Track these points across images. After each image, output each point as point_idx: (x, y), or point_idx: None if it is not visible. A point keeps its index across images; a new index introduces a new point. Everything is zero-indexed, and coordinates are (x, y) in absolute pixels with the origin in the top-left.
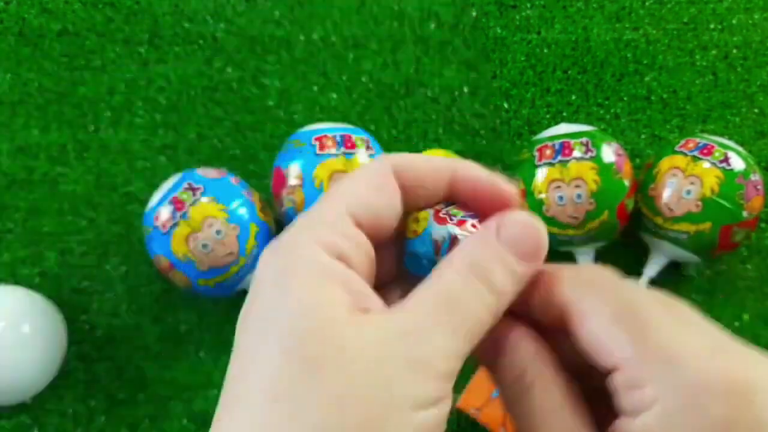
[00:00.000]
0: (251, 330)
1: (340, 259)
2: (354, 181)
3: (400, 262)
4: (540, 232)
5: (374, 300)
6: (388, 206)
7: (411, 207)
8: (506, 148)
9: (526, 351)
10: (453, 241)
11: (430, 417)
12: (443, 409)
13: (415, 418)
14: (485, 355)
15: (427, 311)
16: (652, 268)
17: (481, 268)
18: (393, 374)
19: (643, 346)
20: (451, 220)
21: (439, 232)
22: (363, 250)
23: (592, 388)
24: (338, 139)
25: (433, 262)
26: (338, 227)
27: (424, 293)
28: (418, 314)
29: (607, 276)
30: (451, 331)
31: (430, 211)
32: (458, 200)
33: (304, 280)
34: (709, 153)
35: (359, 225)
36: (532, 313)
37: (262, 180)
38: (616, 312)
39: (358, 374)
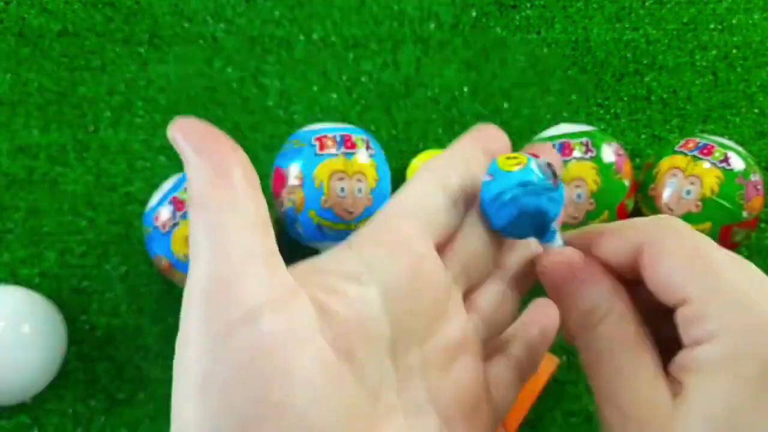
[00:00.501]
0: None
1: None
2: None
3: None
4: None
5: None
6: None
7: None
8: None
9: (601, 284)
10: (553, 173)
11: None
12: None
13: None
14: (560, 286)
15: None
16: None
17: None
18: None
19: (712, 283)
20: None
21: (540, 163)
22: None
23: (661, 339)
24: (338, 138)
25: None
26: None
27: None
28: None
29: (681, 223)
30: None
31: (525, 154)
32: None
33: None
34: (709, 153)
35: None
36: (607, 254)
37: (262, 180)
38: (690, 253)
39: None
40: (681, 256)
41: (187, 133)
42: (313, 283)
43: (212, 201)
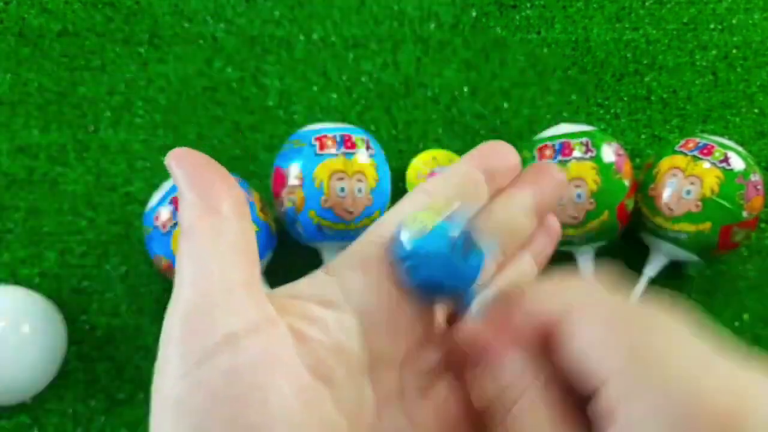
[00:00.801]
0: None
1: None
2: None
3: None
4: None
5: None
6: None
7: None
8: None
9: (514, 363)
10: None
11: None
12: None
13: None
14: (470, 364)
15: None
16: (652, 268)
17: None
18: None
19: (635, 361)
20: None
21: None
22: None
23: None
24: (338, 138)
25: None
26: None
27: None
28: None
29: (596, 289)
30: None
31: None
32: None
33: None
34: (709, 153)
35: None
36: (515, 335)
37: (262, 180)
38: (607, 327)
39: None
40: (597, 330)
41: (181, 164)
42: (291, 310)
43: (198, 230)
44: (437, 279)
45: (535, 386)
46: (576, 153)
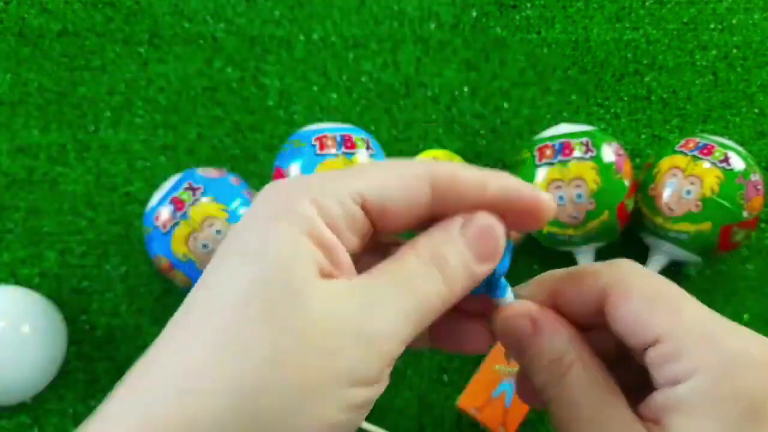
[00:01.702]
0: (229, 260)
1: (330, 225)
2: (379, 168)
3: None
4: (498, 237)
5: (351, 273)
6: (405, 200)
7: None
8: (506, 148)
9: (564, 334)
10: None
11: (362, 396)
12: (376, 391)
13: (348, 393)
14: (520, 340)
15: (385, 289)
16: (652, 268)
17: (441, 258)
18: (342, 346)
19: (680, 322)
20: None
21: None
22: (356, 229)
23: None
24: (338, 139)
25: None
26: (340, 198)
27: (386, 270)
28: (376, 290)
29: (640, 266)
30: (403, 314)
31: None
32: (494, 209)
33: (288, 234)
34: (709, 153)
35: (366, 207)
36: (564, 307)
37: (263, 180)
38: (655, 294)
39: (310, 338)
40: (647, 298)
41: None
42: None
43: None
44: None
45: (585, 354)
46: (576, 153)
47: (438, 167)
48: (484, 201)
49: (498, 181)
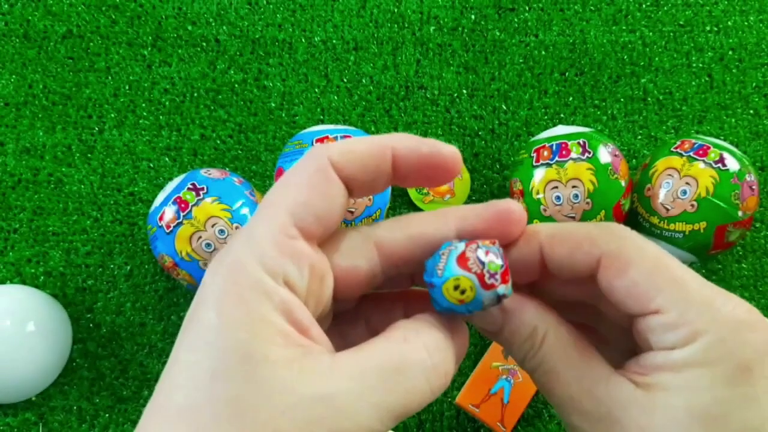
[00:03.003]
0: (186, 349)
1: (284, 282)
2: (291, 185)
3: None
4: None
5: (316, 331)
6: (332, 203)
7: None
8: (504, 149)
9: (532, 309)
10: (500, 300)
11: None
12: None
13: None
14: (491, 326)
15: (368, 380)
16: None
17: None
18: None
19: (681, 293)
20: (495, 280)
21: (488, 296)
22: (308, 268)
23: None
24: (339, 140)
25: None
26: (282, 245)
27: (373, 356)
28: (356, 380)
29: (633, 232)
30: (385, 411)
31: (474, 279)
32: (402, 174)
33: (243, 308)
34: (705, 154)
35: (305, 233)
36: (552, 264)
37: (265, 180)
38: (653, 264)
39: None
40: (645, 269)
41: None
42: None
43: None
44: (455, 310)
45: (555, 323)
46: (573, 154)
47: (331, 150)
48: (388, 170)
49: (398, 142)
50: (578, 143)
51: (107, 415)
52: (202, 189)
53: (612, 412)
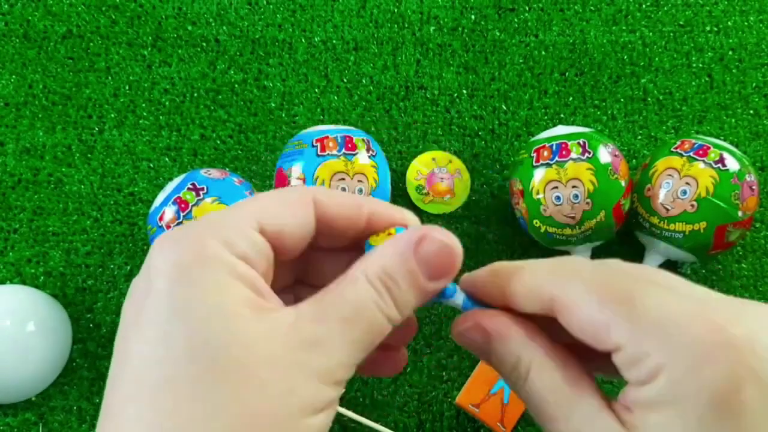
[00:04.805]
0: (149, 325)
1: (242, 259)
2: (265, 195)
3: (300, 274)
4: (456, 255)
5: (275, 300)
6: (296, 223)
7: (330, 234)
8: (504, 149)
9: (516, 339)
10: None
11: (322, 419)
12: (332, 413)
13: (313, 421)
14: (481, 351)
15: (334, 321)
16: None
17: (392, 281)
18: (296, 383)
19: (636, 322)
20: None
21: None
22: (263, 255)
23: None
24: (339, 140)
25: None
26: (242, 230)
27: (332, 299)
28: (324, 322)
29: (585, 264)
30: (353, 343)
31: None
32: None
33: (210, 277)
34: (705, 154)
35: (263, 233)
36: (521, 308)
37: (265, 181)
38: (602, 296)
39: (264, 383)
40: (593, 306)
41: None
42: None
43: None
44: None
45: (542, 352)
46: (573, 154)
47: (317, 190)
48: (360, 222)
49: (371, 204)
50: (578, 143)
51: None
52: (202, 189)
53: None
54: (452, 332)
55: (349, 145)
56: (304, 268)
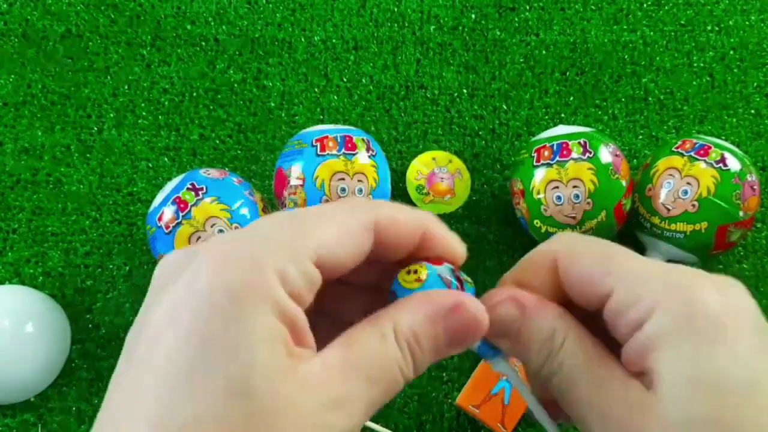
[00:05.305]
0: (187, 345)
1: (293, 297)
2: (328, 220)
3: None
4: (481, 328)
5: (309, 342)
6: (354, 253)
7: (380, 256)
8: (505, 149)
9: (553, 311)
10: (455, 272)
11: None
12: None
13: None
14: (509, 327)
15: (359, 379)
16: None
17: (418, 345)
18: None
19: (629, 269)
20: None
21: (441, 270)
22: (314, 289)
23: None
24: (339, 140)
25: None
26: (301, 261)
27: (360, 355)
28: (351, 380)
29: (578, 235)
30: (372, 404)
31: (424, 263)
32: (421, 253)
33: (258, 317)
34: (706, 154)
35: (320, 265)
36: (532, 279)
37: (264, 180)
38: (599, 253)
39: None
40: (594, 256)
41: None
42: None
43: None
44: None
45: (575, 326)
46: (574, 154)
47: (380, 212)
48: (413, 244)
49: (428, 224)
50: (579, 143)
51: None
52: (202, 189)
53: (622, 414)
54: (475, 313)
55: (349, 145)
56: (323, 302)
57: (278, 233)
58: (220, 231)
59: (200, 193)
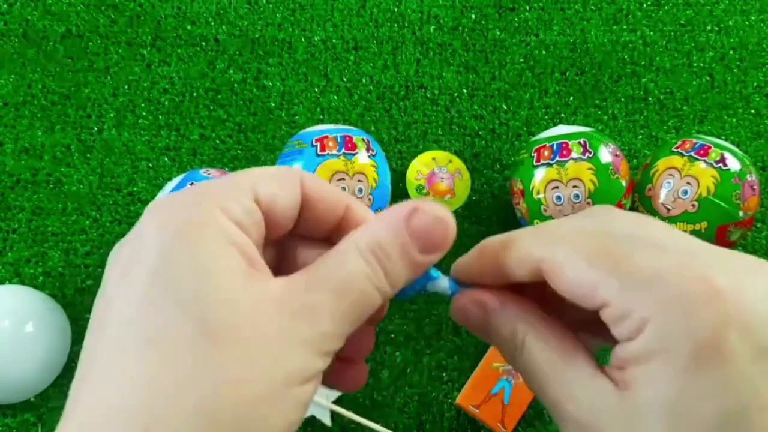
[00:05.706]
0: (138, 283)
1: (237, 225)
2: (259, 169)
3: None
4: (448, 228)
5: (266, 269)
6: (286, 196)
7: (310, 219)
8: (505, 149)
9: (511, 310)
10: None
11: (310, 390)
12: (316, 384)
13: (298, 392)
14: (480, 326)
15: (324, 291)
16: None
17: (384, 254)
18: (283, 351)
19: (621, 279)
20: None
21: None
22: (257, 224)
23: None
24: (339, 140)
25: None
26: (238, 197)
27: (325, 269)
28: (314, 292)
29: (571, 225)
30: (342, 315)
31: None
32: (346, 231)
33: (203, 240)
34: (706, 154)
35: (257, 202)
36: (512, 277)
37: None
38: (588, 254)
39: (252, 348)
40: (580, 265)
41: None
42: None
43: None
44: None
45: (537, 323)
46: (573, 154)
47: (303, 172)
48: (339, 211)
49: (351, 199)
50: (579, 143)
51: None
52: None
53: (594, 420)
54: (452, 310)
55: (349, 145)
56: (280, 258)
57: (216, 181)
58: None
59: None
